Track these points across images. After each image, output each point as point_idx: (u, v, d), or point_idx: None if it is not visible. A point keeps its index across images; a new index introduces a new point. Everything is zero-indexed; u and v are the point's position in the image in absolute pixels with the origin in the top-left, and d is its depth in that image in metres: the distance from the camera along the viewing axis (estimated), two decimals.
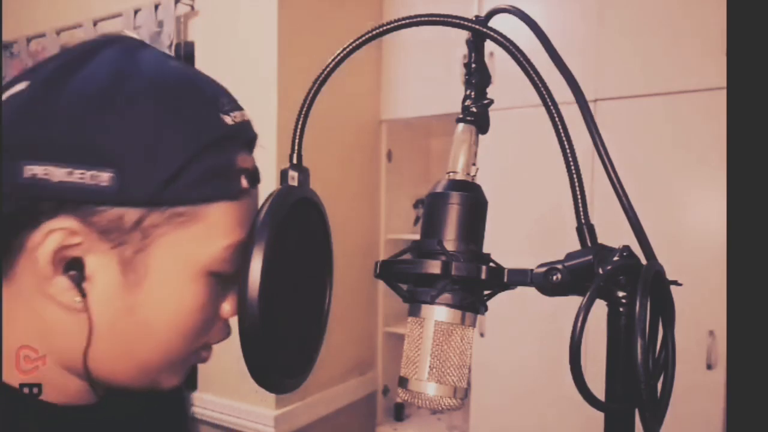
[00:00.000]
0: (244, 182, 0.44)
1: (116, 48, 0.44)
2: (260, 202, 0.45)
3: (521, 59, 0.40)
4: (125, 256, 0.41)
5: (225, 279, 0.46)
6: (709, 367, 1.77)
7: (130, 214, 0.40)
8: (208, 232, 0.43)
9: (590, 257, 0.37)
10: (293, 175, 0.45)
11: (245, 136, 0.46)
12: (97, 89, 0.41)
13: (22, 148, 0.39)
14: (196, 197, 0.42)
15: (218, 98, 0.45)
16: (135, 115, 0.40)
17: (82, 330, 0.42)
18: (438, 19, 0.42)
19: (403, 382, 0.40)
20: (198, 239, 0.43)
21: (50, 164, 0.38)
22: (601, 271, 0.36)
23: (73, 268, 0.41)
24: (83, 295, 0.41)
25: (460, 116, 0.44)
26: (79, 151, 0.39)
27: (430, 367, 0.39)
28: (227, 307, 0.48)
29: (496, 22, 0.42)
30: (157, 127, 0.41)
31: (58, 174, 0.38)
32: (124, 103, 0.41)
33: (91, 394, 0.48)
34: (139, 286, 0.42)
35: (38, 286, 0.41)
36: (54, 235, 0.40)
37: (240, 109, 0.47)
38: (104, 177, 0.39)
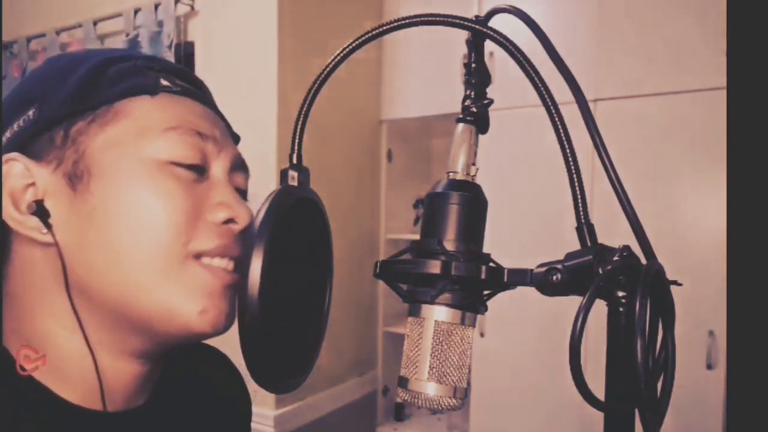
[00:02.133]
0: (165, 83, 0.48)
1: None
2: (260, 202, 0.45)
3: (521, 59, 0.40)
4: (68, 170, 0.45)
5: (197, 171, 0.47)
6: (709, 367, 1.77)
7: (58, 131, 0.46)
8: (140, 124, 0.46)
9: (590, 257, 0.37)
10: (293, 175, 0.45)
11: (166, 66, 0.51)
12: (25, 77, 0.51)
13: None
14: (111, 97, 0.46)
15: (139, 52, 0.52)
16: (46, 65, 0.50)
17: (59, 264, 0.44)
18: (438, 19, 0.41)
19: (403, 382, 0.40)
20: (132, 132, 0.46)
21: (3, 135, 0.46)
22: (601, 271, 0.36)
23: (35, 205, 0.45)
24: (48, 226, 0.44)
25: (460, 116, 0.44)
26: (14, 111, 0.47)
27: (430, 367, 0.39)
28: (215, 210, 0.47)
29: (496, 22, 0.42)
30: (63, 61, 0.49)
31: (7, 135, 0.46)
32: (40, 66, 0.50)
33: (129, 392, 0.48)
34: (89, 192, 0.44)
35: (22, 239, 0.45)
36: (6, 167, 0.44)
37: (167, 60, 0.53)
38: (30, 113, 0.46)
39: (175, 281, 0.44)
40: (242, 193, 0.52)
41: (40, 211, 0.44)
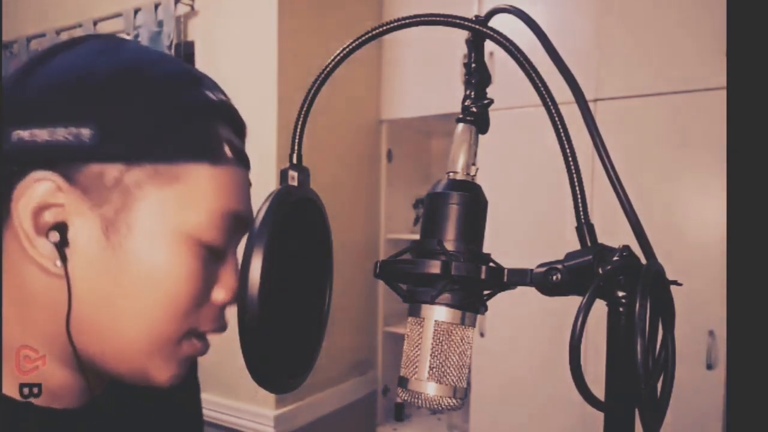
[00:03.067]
0: (228, 151, 0.46)
1: (102, 38, 0.48)
2: (260, 202, 0.45)
3: (521, 59, 0.40)
4: (107, 216, 0.42)
5: (216, 254, 0.46)
6: (709, 367, 1.77)
7: (111, 170, 0.42)
8: (190, 195, 0.44)
9: (590, 257, 0.36)
10: (293, 175, 0.45)
11: (229, 115, 0.48)
12: (81, 60, 0.44)
13: (11, 116, 0.41)
14: (175, 156, 0.43)
15: (203, 79, 0.48)
16: (116, 75, 0.43)
17: (64, 298, 0.42)
18: (438, 19, 0.41)
19: (403, 382, 0.40)
20: (181, 201, 0.44)
21: (36, 128, 0.40)
22: (600, 271, 0.36)
23: (58, 234, 0.41)
24: (64, 260, 0.41)
25: (460, 116, 0.44)
26: (62, 112, 0.41)
27: (430, 367, 0.39)
28: (220, 292, 0.48)
29: (496, 22, 0.42)
30: (137, 84, 0.43)
31: (42, 135, 0.40)
32: (105, 65, 0.44)
33: (82, 393, 0.48)
34: (121, 248, 0.42)
35: (21, 251, 0.42)
36: (37, 185, 0.40)
37: (225, 95, 0.49)
38: (85, 133, 0.40)
39: (160, 355, 0.45)
40: None
41: (62, 240, 0.41)
